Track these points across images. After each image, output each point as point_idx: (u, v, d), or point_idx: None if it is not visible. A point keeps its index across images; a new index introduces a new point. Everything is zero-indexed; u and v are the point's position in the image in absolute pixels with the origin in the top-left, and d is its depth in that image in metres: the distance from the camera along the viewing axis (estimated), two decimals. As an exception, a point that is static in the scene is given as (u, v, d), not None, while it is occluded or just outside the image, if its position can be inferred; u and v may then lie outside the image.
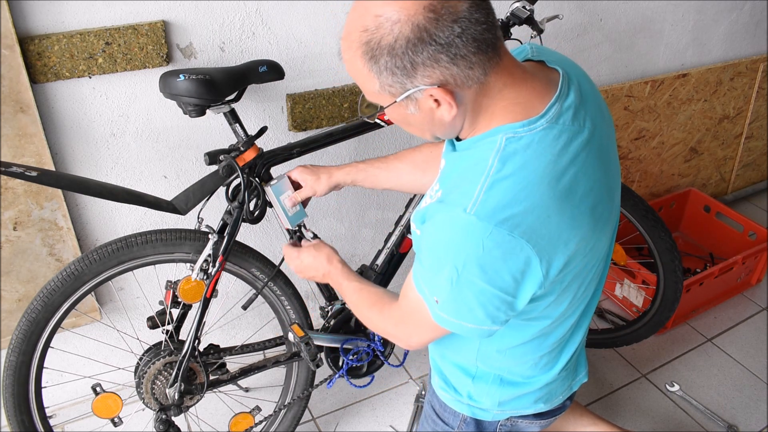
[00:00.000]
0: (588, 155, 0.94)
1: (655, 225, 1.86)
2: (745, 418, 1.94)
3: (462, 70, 0.85)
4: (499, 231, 0.86)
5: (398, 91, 0.88)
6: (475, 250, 0.87)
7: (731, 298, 2.43)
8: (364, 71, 0.87)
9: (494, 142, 0.90)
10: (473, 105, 0.91)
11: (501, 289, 0.90)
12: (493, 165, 0.89)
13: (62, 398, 1.91)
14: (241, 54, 1.67)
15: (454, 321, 0.96)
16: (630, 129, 2.45)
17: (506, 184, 0.88)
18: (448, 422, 1.29)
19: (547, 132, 0.90)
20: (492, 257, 0.87)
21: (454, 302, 0.94)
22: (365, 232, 2.15)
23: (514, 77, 0.91)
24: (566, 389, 1.26)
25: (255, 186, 1.47)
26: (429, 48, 0.82)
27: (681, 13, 2.38)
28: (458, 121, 0.93)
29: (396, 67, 0.84)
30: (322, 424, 1.93)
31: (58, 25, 1.45)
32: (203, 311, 1.50)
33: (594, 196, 0.94)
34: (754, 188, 3.11)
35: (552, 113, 0.91)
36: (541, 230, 0.88)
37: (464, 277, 0.90)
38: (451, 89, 0.87)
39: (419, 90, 0.87)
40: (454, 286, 0.91)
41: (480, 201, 0.87)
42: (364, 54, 0.85)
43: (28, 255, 1.61)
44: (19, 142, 1.48)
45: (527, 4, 1.57)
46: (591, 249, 0.97)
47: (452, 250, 0.90)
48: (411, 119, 0.94)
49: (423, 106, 0.90)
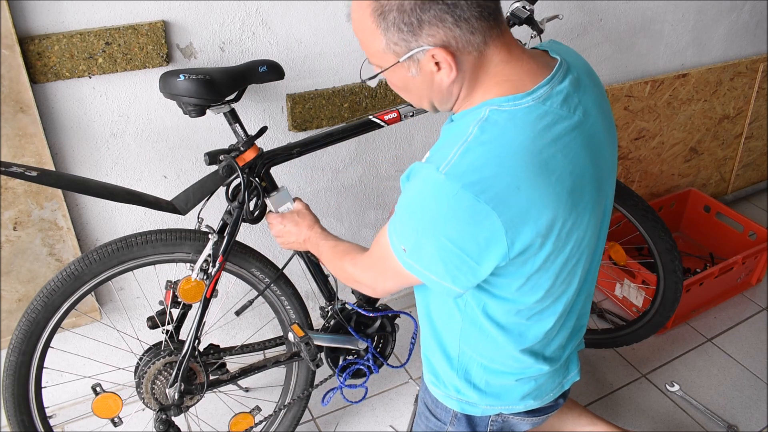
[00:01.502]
0: (573, 140, 0.95)
1: (655, 225, 1.86)
2: (745, 418, 1.94)
3: (464, 34, 0.89)
4: (465, 193, 0.88)
5: (402, 50, 0.91)
6: (440, 207, 0.90)
7: (731, 298, 2.43)
8: (371, 28, 0.91)
9: (479, 112, 0.93)
10: (471, 74, 0.94)
11: (462, 250, 0.93)
12: (473, 132, 0.92)
13: (62, 398, 1.91)
14: (241, 54, 1.67)
15: (419, 269, 0.98)
16: (630, 129, 2.45)
17: (481, 150, 0.90)
18: (440, 418, 1.29)
19: (531, 109, 0.93)
20: (456, 217, 0.90)
21: (419, 251, 0.96)
22: (365, 232, 2.15)
23: (511, 54, 0.95)
24: (557, 386, 1.26)
25: (255, 186, 1.47)
26: (436, 6, 0.86)
27: (681, 13, 2.38)
28: (455, 87, 0.96)
29: (403, 23, 0.88)
30: (322, 424, 1.93)
31: (58, 25, 1.45)
32: (203, 311, 1.50)
33: (574, 179, 0.95)
34: (754, 188, 3.11)
35: (540, 93, 0.94)
36: (509, 200, 0.90)
37: (429, 230, 0.93)
38: (453, 51, 0.90)
39: (422, 50, 0.90)
40: (419, 236, 0.95)
41: (453, 162, 0.90)
42: (374, 10, 0.89)
43: (28, 255, 1.61)
44: (19, 142, 1.48)
45: (527, 4, 1.57)
46: (567, 233, 0.98)
47: (420, 203, 0.94)
48: (411, 83, 0.97)
49: (424, 68, 0.93)
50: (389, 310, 1.66)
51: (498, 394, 1.22)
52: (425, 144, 2.09)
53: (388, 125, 1.57)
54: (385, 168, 2.06)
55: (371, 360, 1.66)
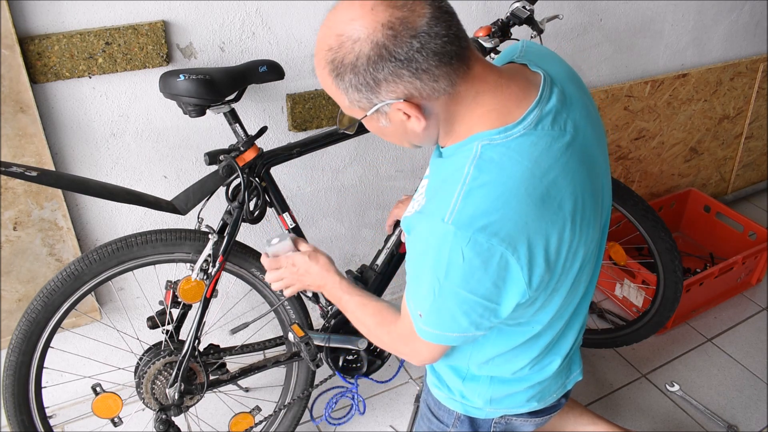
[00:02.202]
0: (569, 159, 0.93)
1: (655, 225, 1.86)
2: (745, 418, 1.94)
3: (426, 84, 0.86)
4: (478, 239, 0.86)
5: (366, 105, 0.89)
6: (455, 259, 0.88)
7: (731, 298, 2.43)
8: (332, 88, 0.90)
9: (470, 149, 0.91)
10: (445, 114, 0.92)
11: (483, 296, 0.91)
12: (469, 173, 0.89)
13: (62, 398, 1.91)
14: (241, 54, 1.67)
15: (438, 333, 0.97)
16: (630, 129, 2.45)
17: (483, 191, 0.88)
18: (443, 420, 1.29)
19: (524, 138, 0.90)
20: (472, 266, 0.88)
21: (437, 313, 0.95)
22: (365, 232, 2.15)
23: (488, 83, 0.91)
24: (560, 387, 1.26)
25: (255, 186, 1.47)
26: (389, 64, 0.83)
27: (681, 13, 2.38)
28: (431, 131, 0.94)
29: (360, 84, 0.86)
30: (322, 424, 1.93)
31: (58, 25, 1.45)
32: (203, 311, 1.50)
33: (575, 199, 0.94)
34: (754, 188, 3.11)
35: (530, 119, 0.91)
36: (520, 236, 0.88)
37: (446, 287, 0.90)
38: (418, 102, 0.88)
39: (386, 104, 0.88)
40: (437, 296, 0.92)
41: (457, 209, 0.87)
42: (331, 72, 0.87)
43: (28, 255, 1.61)
44: (19, 142, 1.48)
45: (527, 4, 1.57)
46: (575, 253, 0.97)
47: (432, 260, 0.90)
48: (385, 131, 0.96)
49: (393, 118, 0.91)
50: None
51: (504, 399, 1.22)
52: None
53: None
54: (385, 168, 2.06)
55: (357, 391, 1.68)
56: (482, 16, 1.96)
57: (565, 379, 1.27)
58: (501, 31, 1.59)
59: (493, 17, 1.97)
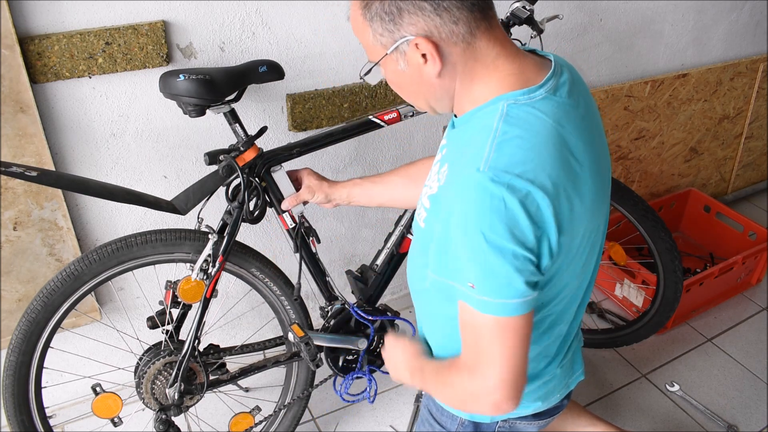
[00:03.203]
0: (584, 129, 0.96)
1: (655, 225, 1.86)
2: (745, 418, 1.94)
3: (446, 23, 0.89)
4: (516, 185, 0.85)
5: (388, 41, 0.93)
6: (497, 208, 0.85)
7: (731, 298, 2.43)
8: (360, 21, 0.94)
9: (496, 109, 0.92)
10: (463, 67, 0.94)
11: (529, 250, 0.88)
12: (498, 127, 0.90)
13: (62, 398, 1.91)
14: (241, 54, 1.67)
15: (499, 301, 0.89)
16: (630, 129, 2.45)
17: (515, 143, 0.89)
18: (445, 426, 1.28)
19: (546, 101, 0.93)
20: (515, 214, 0.86)
21: (491, 277, 0.88)
22: (365, 232, 2.15)
23: (506, 49, 0.95)
24: (563, 387, 1.26)
25: (255, 186, 1.47)
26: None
27: (681, 13, 2.38)
28: (448, 81, 0.95)
29: (384, 12, 0.90)
30: (322, 424, 1.93)
31: (58, 25, 1.45)
32: (203, 311, 1.50)
33: (590, 168, 0.95)
34: (754, 188, 3.11)
35: (550, 85, 0.94)
36: (552, 186, 0.88)
37: (493, 242, 0.86)
38: (436, 41, 0.91)
39: (405, 41, 0.91)
40: (486, 256, 0.86)
41: (492, 158, 0.87)
42: (362, 3, 0.93)
43: (28, 255, 1.61)
44: (19, 142, 1.48)
45: (527, 4, 1.57)
46: (589, 222, 0.97)
47: (473, 215, 0.86)
48: (402, 78, 0.98)
49: (411, 60, 0.93)
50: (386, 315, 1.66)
51: None
52: (425, 144, 2.09)
53: (388, 125, 1.57)
54: (385, 168, 2.06)
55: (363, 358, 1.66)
56: (482, 16, 1.96)
57: (568, 379, 1.27)
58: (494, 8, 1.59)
59: (493, 17, 1.97)
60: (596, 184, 0.98)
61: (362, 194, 1.47)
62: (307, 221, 1.57)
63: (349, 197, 1.48)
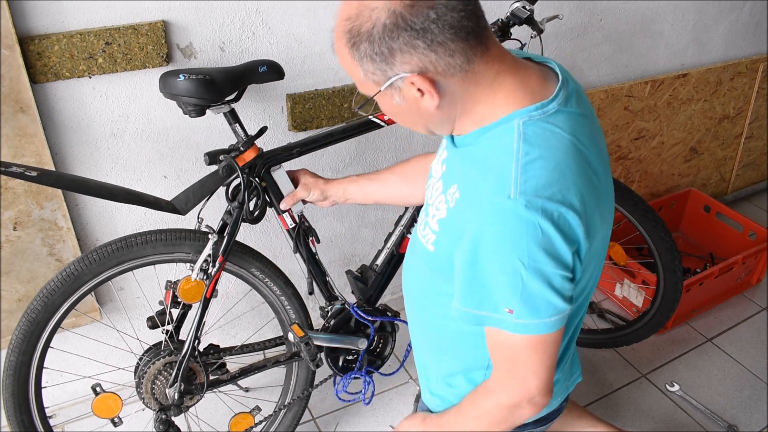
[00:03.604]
0: (594, 137, 0.96)
1: (655, 225, 1.86)
2: (745, 418, 1.94)
3: (441, 57, 0.85)
4: (548, 208, 0.85)
5: (381, 79, 0.88)
6: (534, 236, 0.85)
7: (731, 298, 2.43)
8: (348, 59, 0.89)
9: (511, 128, 0.90)
10: (464, 94, 0.90)
11: (566, 268, 0.89)
12: (520, 148, 0.88)
13: (62, 398, 1.91)
14: (241, 54, 1.67)
15: (537, 322, 0.90)
16: (630, 129, 2.45)
17: (539, 164, 0.87)
18: None
19: (560, 114, 0.91)
20: (551, 238, 0.86)
21: (531, 301, 0.89)
22: (365, 232, 2.15)
23: (506, 65, 0.91)
24: (563, 390, 1.26)
25: (255, 186, 1.47)
26: (404, 34, 0.83)
27: (681, 13, 2.38)
28: (447, 111, 0.93)
29: (375, 54, 0.85)
30: (322, 424, 1.93)
31: (58, 25, 1.45)
32: (203, 311, 1.50)
33: (605, 176, 0.96)
34: (754, 188, 3.11)
35: (561, 97, 0.92)
36: (580, 203, 0.88)
37: (533, 268, 0.86)
38: (432, 77, 0.87)
39: (400, 78, 0.87)
40: (526, 281, 0.87)
41: (520, 183, 0.86)
42: (348, 42, 0.87)
43: (28, 255, 1.61)
44: (19, 142, 1.48)
45: (527, 4, 1.57)
46: (605, 227, 0.98)
47: (511, 243, 0.86)
48: (399, 110, 0.94)
49: (407, 95, 0.90)
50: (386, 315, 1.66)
51: None
52: (425, 144, 2.09)
53: (388, 125, 1.57)
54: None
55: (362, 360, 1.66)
56: (482, 16, 1.96)
57: (567, 381, 1.27)
58: (501, 31, 1.59)
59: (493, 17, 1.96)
60: (608, 189, 0.99)
61: (358, 191, 1.47)
62: (307, 221, 1.57)
63: (345, 194, 1.47)
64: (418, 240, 1.08)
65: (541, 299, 0.89)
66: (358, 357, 1.68)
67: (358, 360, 1.68)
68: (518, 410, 1.01)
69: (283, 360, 1.67)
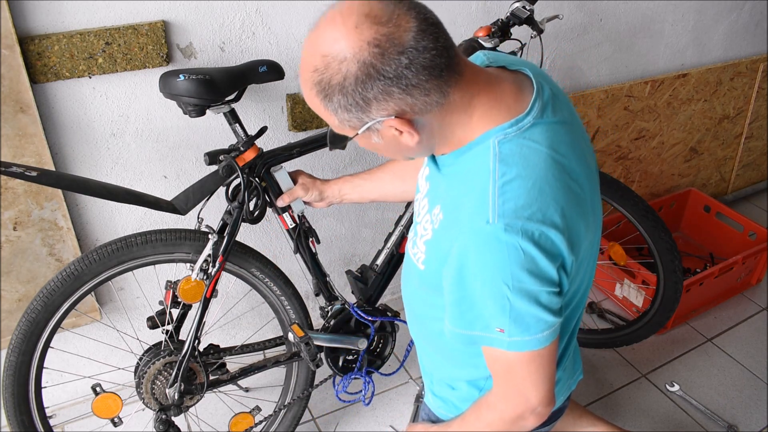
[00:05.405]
0: (574, 143, 0.95)
1: (655, 225, 1.86)
2: (745, 418, 1.94)
3: (417, 98, 0.83)
4: (528, 229, 0.85)
5: (357, 124, 0.87)
6: (516, 258, 0.85)
7: (731, 298, 2.43)
8: (321, 108, 0.87)
9: (486, 147, 0.89)
10: (442, 123, 0.89)
11: (552, 284, 0.89)
12: (496, 169, 0.88)
13: (62, 398, 1.91)
14: (241, 54, 1.67)
15: (529, 338, 0.91)
16: (630, 129, 2.45)
17: (515, 185, 0.87)
18: None
19: (536, 127, 0.91)
20: (534, 258, 0.86)
21: (520, 320, 0.90)
22: (365, 232, 2.15)
23: (479, 84, 0.90)
24: (566, 389, 1.26)
25: (255, 186, 1.47)
26: (378, 83, 0.81)
27: (681, 13, 2.38)
28: (425, 143, 0.92)
29: (349, 104, 0.83)
30: (322, 424, 1.93)
31: (58, 25, 1.45)
32: (203, 311, 1.50)
33: (586, 179, 0.95)
34: (754, 188, 3.11)
35: (536, 109, 0.91)
36: (562, 221, 0.88)
37: (518, 289, 0.87)
38: (410, 117, 0.86)
39: (377, 122, 0.86)
40: (513, 302, 0.88)
41: (498, 206, 0.86)
42: (318, 93, 0.85)
43: (28, 255, 1.61)
44: (19, 142, 1.48)
45: (527, 4, 1.57)
46: (593, 232, 0.98)
47: (493, 267, 0.87)
48: (377, 147, 0.93)
49: (385, 135, 0.89)
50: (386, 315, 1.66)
51: None
52: (425, 144, 2.09)
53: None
54: (385, 168, 2.06)
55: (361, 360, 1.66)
56: (482, 16, 1.96)
57: (569, 380, 1.27)
58: (501, 31, 1.59)
59: (493, 17, 1.97)
60: (593, 194, 0.98)
61: (353, 191, 1.48)
62: (308, 221, 1.57)
63: (341, 194, 1.49)
64: (410, 257, 1.09)
65: (530, 317, 0.90)
66: (358, 357, 1.68)
67: (358, 360, 1.68)
68: (522, 421, 1.02)
69: (283, 360, 1.67)
